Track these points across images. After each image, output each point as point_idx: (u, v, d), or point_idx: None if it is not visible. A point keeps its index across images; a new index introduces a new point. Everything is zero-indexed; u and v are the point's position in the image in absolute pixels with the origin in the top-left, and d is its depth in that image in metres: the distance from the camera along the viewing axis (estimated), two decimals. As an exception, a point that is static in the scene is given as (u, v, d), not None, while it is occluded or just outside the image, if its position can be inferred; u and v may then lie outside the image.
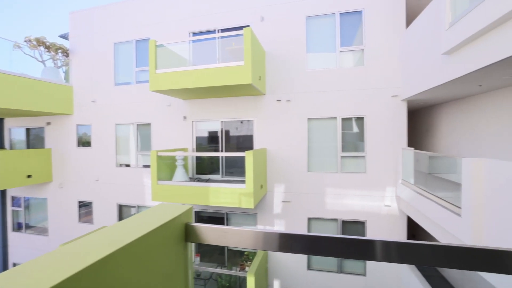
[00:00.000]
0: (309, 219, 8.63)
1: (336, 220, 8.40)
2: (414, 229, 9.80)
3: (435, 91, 6.48)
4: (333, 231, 8.45)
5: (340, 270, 8.23)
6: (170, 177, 8.39)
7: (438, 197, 5.18)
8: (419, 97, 7.36)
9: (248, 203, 7.11)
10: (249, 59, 7.07)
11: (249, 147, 9.13)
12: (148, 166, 10.10)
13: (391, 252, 0.87)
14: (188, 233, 1.05)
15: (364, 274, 8.02)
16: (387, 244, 0.88)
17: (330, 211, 8.41)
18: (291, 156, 8.73)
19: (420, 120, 11.03)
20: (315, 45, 8.67)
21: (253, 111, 9.08)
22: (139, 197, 10.30)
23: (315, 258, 8.59)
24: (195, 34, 9.74)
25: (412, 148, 7.11)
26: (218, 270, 8.63)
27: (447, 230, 4.73)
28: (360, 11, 8.23)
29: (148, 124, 10.23)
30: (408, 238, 8.46)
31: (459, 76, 4.86)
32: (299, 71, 8.69)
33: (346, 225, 8.36)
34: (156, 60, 7.88)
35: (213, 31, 9.48)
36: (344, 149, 8.36)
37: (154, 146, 10.06)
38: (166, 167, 8.38)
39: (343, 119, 8.38)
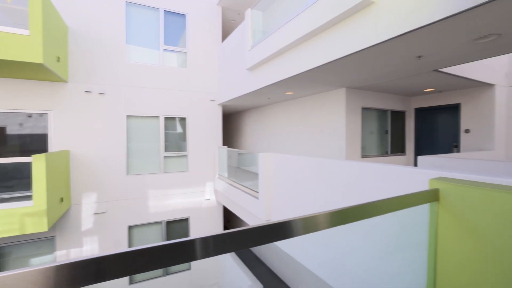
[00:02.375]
0: (130, 227, 7.75)
1: (160, 222, 8.13)
2: (228, 216, 11.52)
3: (241, 99, 7.93)
4: (157, 235, 8.11)
5: (166, 273, 8.06)
6: None
7: (245, 186, 6.37)
8: (230, 103, 8.72)
9: (38, 226, 5.22)
10: (39, 28, 5.18)
11: (42, 149, 6.76)
12: None
13: (209, 246, 0.87)
14: None
15: (189, 269, 8.34)
16: (204, 240, 0.86)
17: (153, 214, 8.00)
18: (106, 158, 7.40)
19: (233, 122, 13.17)
20: (137, 37, 7.91)
21: (47, 102, 6.78)
22: None
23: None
24: None
25: (226, 147, 8.30)
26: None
27: (250, 212, 5.92)
28: (184, 15, 8.47)
29: None
30: (224, 225, 9.79)
31: (256, 89, 6.25)
32: (117, 62, 7.56)
33: (171, 225, 8.32)
34: None
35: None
36: (167, 148, 8.27)
37: None
38: None
39: (166, 119, 8.26)
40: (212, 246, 0.88)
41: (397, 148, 7.76)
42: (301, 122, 7.70)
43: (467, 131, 6.74)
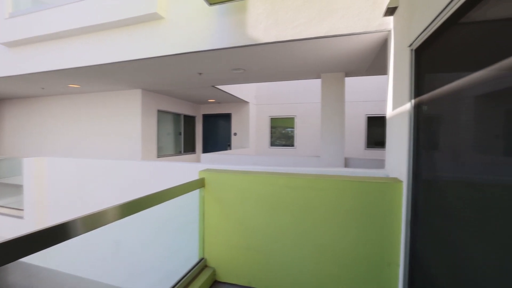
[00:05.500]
0: None
1: None
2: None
3: (-12, 83, 5.55)
4: None
5: None
6: None
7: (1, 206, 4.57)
8: (-36, 85, 5.81)
9: None
10: None
11: None
12: None
13: None
14: None
15: None
16: None
17: None
18: None
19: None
20: None
21: None
22: None
23: None
24: None
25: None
26: None
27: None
28: None
29: None
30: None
31: (19, 74, 4.68)
32: None
33: None
34: None
35: None
36: None
37: None
38: None
39: None
40: None
41: (189, 147, 8.93)
42: (91, 120, 6.72)
43: (235, 134, 9.15)
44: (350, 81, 6.95)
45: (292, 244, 2.02)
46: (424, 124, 1.49)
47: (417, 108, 1.55)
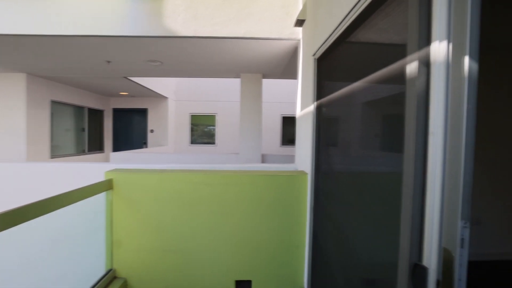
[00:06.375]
0: None
1: None
2: None
3: None
4: None
5: None
6: None
7: None
8: None
9: None
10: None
11: None
12: None
13: None
14: None
15: None
16: None
17: None
18: None
19: None
20: None
21: None
22: None
23: None
24: None
25: None
26: None
27: None
28: None
29: None
30: None
31: None
32: None
33: None
34: None
35: None
36: None
37: None
38: None
39: None
40: None
41: (96, 146, 7.76)
42: None
43: (152, 131, 8.47)
44: (268, 83, 7.45)
45: (211, 241, 2.04)
46: (322, 124, 1.75)
47: (318, 109, 1.80)
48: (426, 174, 0.67)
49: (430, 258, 0.64)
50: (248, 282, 2.04)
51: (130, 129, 8.63)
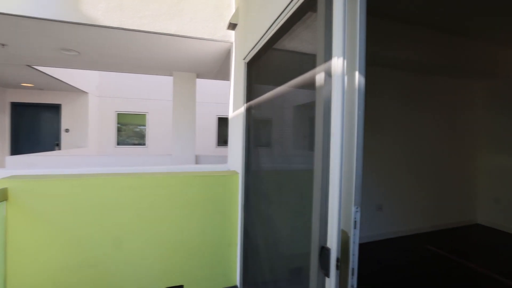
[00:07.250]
0: None
1: None
2: None
3: None
4: None
5: None
6: None
7: None
8: None
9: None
10: None
11: None
12: None
13: None
14: None
15: None
16: None
17: None
18: None
19: None
20: None
21: None
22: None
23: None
24: None
25: None
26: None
27: None
28: None
29: None
30: None
31: None
32: None
33: None
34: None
35: None
36: None
37: None
38: None
39: None
40: None
41: (-14, 148, 6.24)
42: None
43: (67, 130, 7.30)
44: (204, 84, 7.31)
45: (140, 248, 1.89)
46: (252, 125, 1.83)
47: (248, 111, 1.87)
48: (329, 169, 0.78)
49: (332, 240, 0.75)
50: (180, 287, 1.98)
51: (37, 128, 7.24)
